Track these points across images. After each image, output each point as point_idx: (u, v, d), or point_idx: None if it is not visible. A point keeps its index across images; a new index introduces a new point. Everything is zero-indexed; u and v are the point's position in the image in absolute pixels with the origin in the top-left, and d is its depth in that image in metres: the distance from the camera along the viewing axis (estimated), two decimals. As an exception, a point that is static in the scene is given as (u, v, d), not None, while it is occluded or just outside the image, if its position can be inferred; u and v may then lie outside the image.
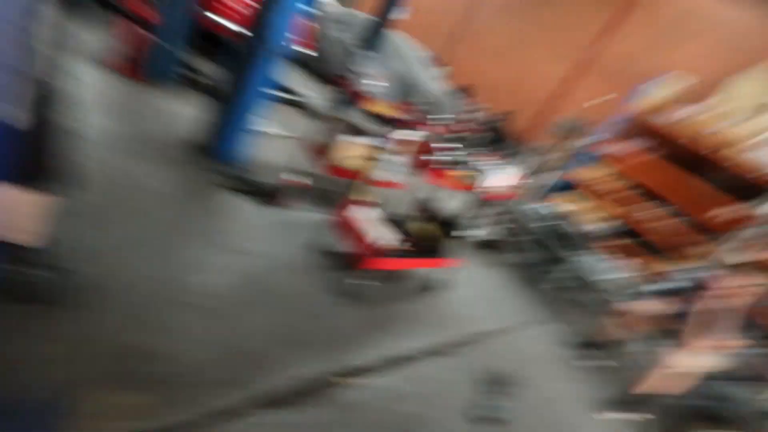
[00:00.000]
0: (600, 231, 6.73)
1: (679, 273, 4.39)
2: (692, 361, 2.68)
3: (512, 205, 4.07)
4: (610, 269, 4.04)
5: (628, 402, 2.73)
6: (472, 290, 3.45)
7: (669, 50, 7.76)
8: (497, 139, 9.17)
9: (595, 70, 8.73)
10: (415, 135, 2.01)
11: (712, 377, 2.84)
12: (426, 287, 2.94)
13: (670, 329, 2.81)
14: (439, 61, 11.42)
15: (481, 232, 4.15)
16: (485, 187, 2.09)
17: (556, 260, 4.05)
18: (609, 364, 3.38)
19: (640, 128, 7.51)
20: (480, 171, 2.06)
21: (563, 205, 7.06)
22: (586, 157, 7.32)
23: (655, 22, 8.02)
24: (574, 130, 7.60)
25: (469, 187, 2.14)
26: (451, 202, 2.82)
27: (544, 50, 9.60)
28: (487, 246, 4.07)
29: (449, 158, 2.01)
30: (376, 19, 5.16)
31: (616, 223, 7.04)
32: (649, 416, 2.80)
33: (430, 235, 2.56)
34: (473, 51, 11.01)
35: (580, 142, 7.52)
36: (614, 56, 8.48)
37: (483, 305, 3.37)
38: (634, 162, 6.89)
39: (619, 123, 7.11)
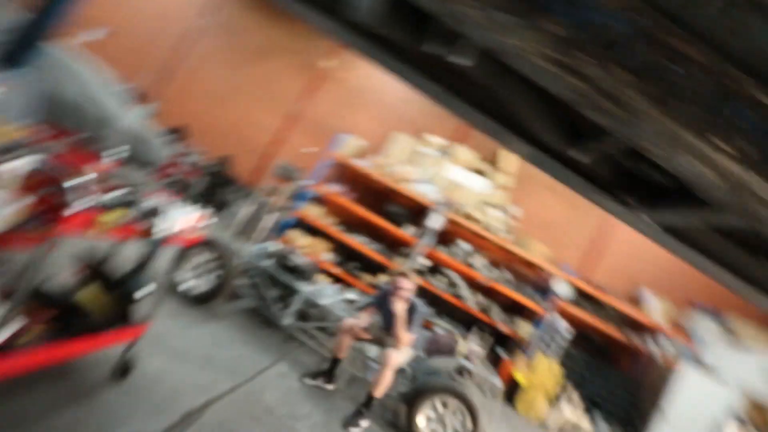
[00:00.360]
0: (323, 260, 7.45)
1: (380, 284, 5.32)
2: (404, 354, 3.20)
3: (230, 248, 3.74)
4: (335, 293, 4.36)
5: (371, 408, 2.91)
6: (187, 354, 2.84)
7: (352, 114, 9.83)
8: (219, 182, 8.70)
9: (301, 124, 9.92)
10: (31, 164, 1.33)
11: (414, 361, 3.47)
12: (116, 371, 2.14)
13: (384, 334, 3.27)
14: (144, 96, 9.94)
15: (188, 284, 3.59)
16: (169, 231, 1.68)
17: (287, 295, 4.00)
18: (349, 380, 3.58)
19: (340, 173, 9.02)
20: (157, 213, 1.64)
21: (290, 241, 7.42)
22: (304, 197, 8.02)
23: (341, 91, 10.02)
24: (291, 174, 8.17)
25: (143, 233, 1.66)
26: (124, 254, 2.20)
27: (260, 102, 10.13)
28: (199, 298, 3.53)
29: (107, 199, 1.49)
30: (29, 22, 3.77)
31: (335, 253, 7.99)
32: (388, 413, 3.10)
33: (97, 303, 1.87)
34: (188, 92, 10.28)
35: (297, 185, 8.18)
36: (315, 114, 9.94)
37: (206, 368, 2.81)
38: (337, 201, 8.15)
39: (324, 168, 8.23)
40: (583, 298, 7.53)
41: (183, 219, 1.76)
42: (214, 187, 8.57)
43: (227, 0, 10.73)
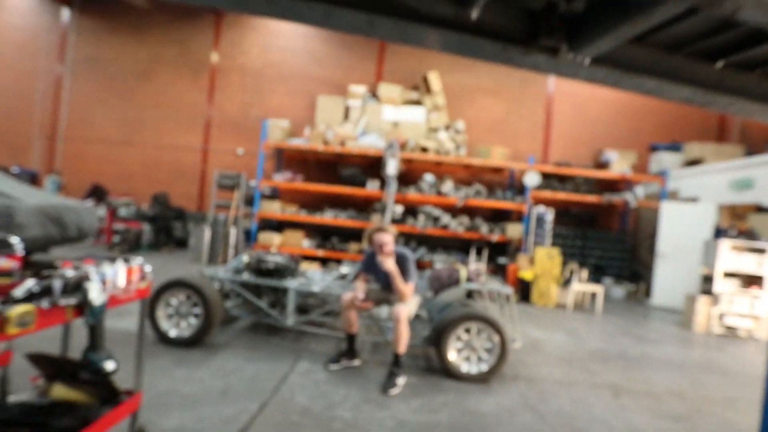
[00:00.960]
0: (304, 248, 7.29)
1: (364, 249, 5.21)
2: (411, 304, 3.10)
3: (201, 278, 3.52)
4: (324, 275, 4.23)
5: (402, 365, 2.92)
6: (203, 395, 2.72)
7: (266, 97, 9.21)
8: (166, 221, 8.17)
9: (221, 126, 9.27)
10: None
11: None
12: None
13: (386, 293, 3.17)
14: (37, 175, 8.99)
15: (176, 329, 3.40)
16: (103, 297, 1.47)
17: (280, 297, 3.86)
18: (372, 348, 3.52)
19: (281, 159, 8.60)
20: (82, 282, 1.42)
21: (263, 245, 7.17)
22: (257, 197, 7.67)
23: (244, 79, 9.30)
24: (235, 181, 7.76)
25: (77, 310, 1.44)
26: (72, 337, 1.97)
27: (173, 124, 9.33)
28: (193, 338, 3.36)
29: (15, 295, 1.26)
30: None
31: (312, 237, 7.82)
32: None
33: (72, 395, 1.67)
34: (84, 147, 9.32)
35: (245, 189, 7.79)
36: (229, 112, 9.27)
37: (227, 400, 2.71)
38: (290, 187, 7.82)
39: (264, 162, 7.82)
40: (553, 179, 7.76)
41: (115, 276, 1.55)
42: (164, 228, 8.05)
43: (79, 32, 9.48)
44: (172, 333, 3.30)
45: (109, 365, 1.55)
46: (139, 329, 2.01)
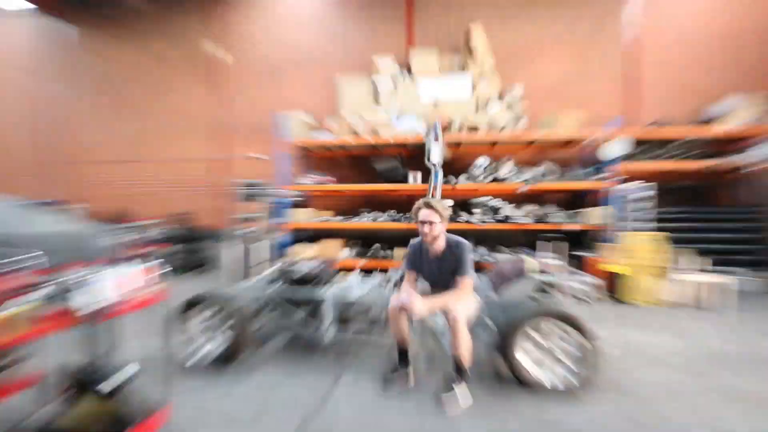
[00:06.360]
0: (342, 259, 7.50)
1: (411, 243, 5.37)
2: (470, 304, 3.23)
3: (228, 294, 3.86)
4: (361, 281, 4.45)
5: (464, 374, 3.08)
6: (239, 414, 2.98)
7: (280, 88, 9.63)
8: (192, 242, 8.85)
9: (228, 131, 9.85)
10: None
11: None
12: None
13: (438, 293, 3.27)
14: (58, 201, 10.13)
15: (204, 348, 3.73)
16: (97, 303, 1.70)
17: (314, 310, 4.08)
18: (428, 362, 3.72)
19: (305, 159, 8.93)
20: (76, 287, 1.68)
21: (299, 254, 7.49)
22: (284, 206, 8.07)
23: (250, 71, 9.80)
24: (257, 190, 8.20)
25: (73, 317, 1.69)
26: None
27: (173, 133, 10.09)
28: (224, 357, 3.67)
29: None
30: None
31: (351, 246, 8.09)
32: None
33: (93, 416, 1.93)
34: (100, 168, 10.41)
35: (269, 197, 8.20)
36: (239, 111, 9.81)
37: (264, 419, 2.95)
38: (320, 191, 8.06)
39: (287, 164, 8.21)
40: (646, 145, 7.43)
41: (117, 282, 1.81)
42: (191, 249, 8.72)
43: (54, 38, 10.58)
44: (202, 352, 3.62)
45: (120, 377, 1.77)
46: (164, 340, 2.30)
